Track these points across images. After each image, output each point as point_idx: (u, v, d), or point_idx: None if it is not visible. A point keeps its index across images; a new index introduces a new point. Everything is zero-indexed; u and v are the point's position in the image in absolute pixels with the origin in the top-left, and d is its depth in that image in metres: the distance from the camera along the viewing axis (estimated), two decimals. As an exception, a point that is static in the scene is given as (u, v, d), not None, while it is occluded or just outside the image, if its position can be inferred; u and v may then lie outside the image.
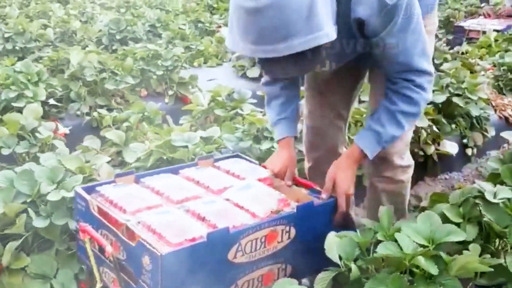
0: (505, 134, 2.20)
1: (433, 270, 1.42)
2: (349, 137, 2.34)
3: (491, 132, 3.60)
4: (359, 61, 1.78)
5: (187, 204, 1.65)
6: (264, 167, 1.92)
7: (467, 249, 1.61)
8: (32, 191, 1.90)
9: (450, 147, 3.27)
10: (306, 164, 2.22)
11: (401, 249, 1.49)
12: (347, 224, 1.75)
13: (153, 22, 5.43)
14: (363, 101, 3.12)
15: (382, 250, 1.48)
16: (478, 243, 1.66)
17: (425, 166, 3.26)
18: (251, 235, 1.51)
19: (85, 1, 7.21)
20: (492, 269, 1.50)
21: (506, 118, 3.88)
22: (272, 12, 1.30)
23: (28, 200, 1.88)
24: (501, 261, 1.60)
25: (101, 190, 1.70)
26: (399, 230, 1.59)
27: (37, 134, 2.38)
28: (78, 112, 3.47)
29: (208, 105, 2.96)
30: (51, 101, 3.35)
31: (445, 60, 4.21)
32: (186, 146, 2.19)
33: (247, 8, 1.32)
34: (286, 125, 1.91)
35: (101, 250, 1.55)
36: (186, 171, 1.89)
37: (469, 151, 3.52)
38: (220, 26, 6.06)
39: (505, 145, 3.89)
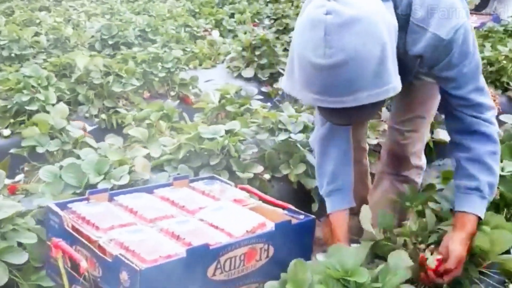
0: (503, 117, 2.43)
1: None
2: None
3: (478, 121, 3.86)
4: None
5: (160, 223, 1.66)
6: None
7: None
8: (80, 182, 2.03)
9: (444, 135, 3.50)
10: None
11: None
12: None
13: (143, 27, 5.54)
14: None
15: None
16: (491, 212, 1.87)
17: (421, 154, 3.49)
18: (231, 252, 1.53)
19: (68, 8, 7.27)
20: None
21: (489, 108, 4.15)
22: (343, 70, 1.29)
23: (78, 191, 2.01)
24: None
25: (73, 207, 1.72)
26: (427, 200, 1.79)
27: (69, 133, 2.50)
28: (87, 114, 3.58)
29: (218, 102, 3.11)
30: (61, 104, 3.46)
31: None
32: (214, 138, 2.35)
33: (316, 64, 1.31)
34: (335, 199, 1.84)
35: (74, 267, 1.55)
36: (161, 190, 1.92)
37: (459, 139, 3.77)
38: (206, 30, 6.22)
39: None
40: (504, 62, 4.55)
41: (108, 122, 3.58)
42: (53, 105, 3.30)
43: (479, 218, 1.64)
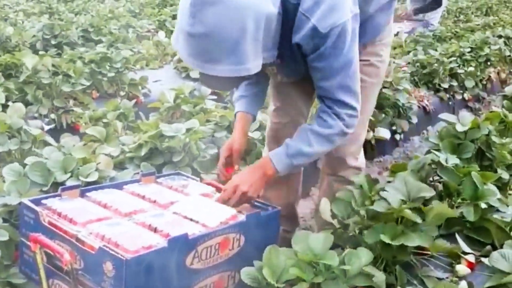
0: (443, 116, 2.63)
1: (418, 219, 1.77)
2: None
3: (414, 120, 4.13)
4: None
5: (136, 217, 1.70)
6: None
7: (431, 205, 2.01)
8: (47, 180, 2.05)
9: (384, 132, 3.73)
10: (264, 153, 2.37)
11: (389, 204, 1.83)
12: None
13: (86, 27, 5.49)
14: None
15: (377, 206, 1.81)
16: (436, 201, 2.06)
17: (364, 151, 3.69)
18: (207, 241, 1.60)
19: (3, 6, 7.06)
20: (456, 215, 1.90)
21: (424, 108, 4.44)
22: (203, 41, 1.50)
23: (44, 189, 2.03)
24: (458, 212, 2.01)
25: (48, 203, 1.74)
26: (381, 190, 1.94)
27: (28, 132, 2.49)
28: (36, 114, 3.55)
29: (174, 102, 3.18)
30: (10, 104, 3.41)
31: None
32: (176, 136, 2.42)
33: (185, 30, 1.52)
34: (245, 102, 2.05)
35: (50, 262, 1.59)
36: (130, 186, 1.96)
37: (397, 137, 4.02)
38: (149, 31, 6.23)
39: (424, 131, 4.45)
40: (436, 65, 4.86)
41: (58, 122, 3.56)
42: (2, 105, 3.26)
43: (276, 170, 1.83)
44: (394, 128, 3.99)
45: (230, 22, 1.49)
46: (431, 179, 2.28)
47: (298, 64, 1.83)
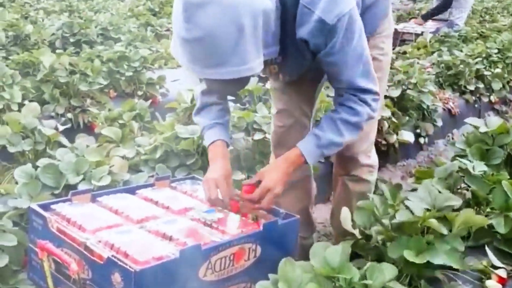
0: (469, 120, 2.52)
1: (444, 230, 1.68)
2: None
3: (439, 123, 4.00)
4: (316, 69, 1.83)
5: (148, 224, 1.64)
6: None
7: (459, 215, 1.90)
8: (59, 183, 2.00)
9: (408, 136, 3.61)
10: (272, 161, 2.28)
11: (412, 214, 1.73)
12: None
13: (105, 26, 5.46)
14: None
15: (400, 216, 1.71)
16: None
17: (387, 154, 3.59)
18: (221, 252, 1.52)
19: (24, 5, 7.08)
20: (487, 223, 1.79)
21: (449, 110, 4.31)
22: (201, 45, 1.43)
23: (56, 192, 1.98)
24: (488, 222, 1.90)
25: (57, 208, 1.68)
26: (405, 199, 1.84)
27: (42, 132, 2.44)
28: (53, 114, 3.51)
29: (190, 102, 3.11)
30: (26, 103, 3.38)
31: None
32: (192, 138, 2.35)
33: (181, 37, 1.45)
34: (222, 130, 1.89)
35: (58, 270, 1.53)
36: (143, 191, 1.89)
37: (421, 140, 3.90)
38: (169, 30, 6.18)
39: (450, 134, 4.32)
40: (461, 66, 4.72)
41: (74, 122, 3.52)
42: (19, 104, 3.23)
43: (306, 161, 1.76)
44: (418, 131, 3.87)
45: (226, 22, 1.42)
46: (458, 187, 2.17)
47: (303, 60, 1.75)
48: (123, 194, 1.85)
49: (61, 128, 2.56)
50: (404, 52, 5.41)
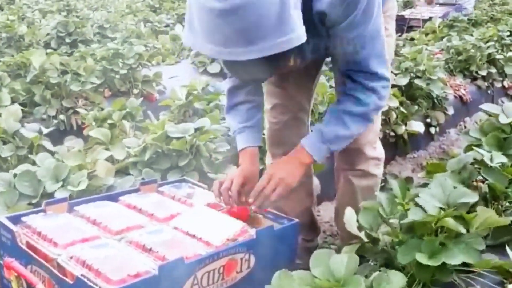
0: (484, 106, 2.34)
1: (461, 228, 1.50)
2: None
3: (450, 111, 3.80)
4: (323, 53, 1.72)
5: (128, 235, 1.48)
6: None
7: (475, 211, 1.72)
8: (36, 191, 1.84)
9: (417, 126, 3.43)
10: (268, 161, 2.13)
11: (425, 212, 1.55)
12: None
13: (101, 23, 5.31)
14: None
15: (412, 215, 1.53)
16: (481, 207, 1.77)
17: (396, 146, 3.41)
18: (208, 265, 1.37)
19: (22, 6, 6.95)
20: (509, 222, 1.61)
21: (460, 97, 4.11)
22: (242, 14, 1.20)
23: (34, 202, 1.82)
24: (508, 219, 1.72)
25: (28, 220, 1.52)
26: (416, 196, 1.67)
27: (23, 136, 2.29)
28: (44, 116, 3.37)
29: (185, 99, 2.95)
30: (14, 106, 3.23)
31: (397, 46, 4.40)
32: (183, 137, 2.18)
33: (214, 9, 1.21)
34: (251, 134, 1.76)
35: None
36: (127, 197, 1.73)
37: (432, 130, 3.71)
38: (168, 25, 6.02)
39: (461, 123, 4.12)
40: (472, 51, 4.51)
41: (67, 124, 3.38)
42: (6, 107, 3.08)
43: (314, 160, 1.65)
44: (428, 120, 3.69)
45: None
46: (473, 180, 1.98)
47: (318, 39, 1.58)
48: (104, 202, 1.68)
49: (45, 131, 2.41)
50: (412, 39, 5.20)
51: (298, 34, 1.30)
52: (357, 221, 1.69)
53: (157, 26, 5.79)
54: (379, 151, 2.06)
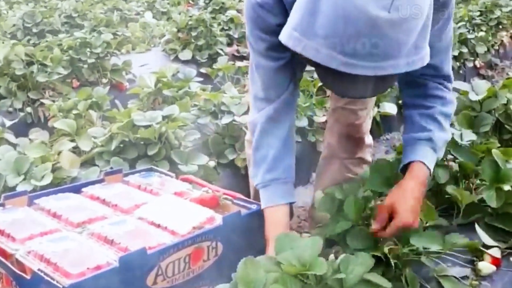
0: (456, 84, 2.32)
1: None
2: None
3: (423, 91, 3.79)
4: None
5: (90, 227, 1.44)
6: None
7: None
8: (-3, 185, 1.78)
9: (390, 108, 3.41)
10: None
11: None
12: None
13: (70, 13, 5.19)
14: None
15: None
16: (451, 185, 1.76)
17: (369, 129, 3.40)
18: (173, 255, 1.33)
19: (-13, -3, 6.77)
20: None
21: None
22: (402, 28, 1.08)
23: (-6, 196, 1.76)
24: (478, 197, 1.71)
25: None
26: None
27: (-16, 129, 2.22)
28: (11, 109, 3.28)
29: (155, 86, 2.89)
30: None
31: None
32: (150, 125, 2.13)
33: (375, 18, 1.05)
34: (280, 188, 1.53)
35: None
36: (90, 189, 1.68)
37: (405, 111, 3.70)
38: (138, 13, 5.91)
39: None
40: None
41: (34, 116, 3.29)
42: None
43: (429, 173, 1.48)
44: (400, 102, 3.66)
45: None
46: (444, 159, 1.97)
47: None
48: (66, 194, 1.63)
49: (8, 123, 2.33)
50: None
51: (426, 51, 1.18)
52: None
53: (126, 14, 5.68)
54: (371, 138, 2.10)
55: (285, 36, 1.17)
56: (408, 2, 1.07)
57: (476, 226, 1.61)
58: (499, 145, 1.88)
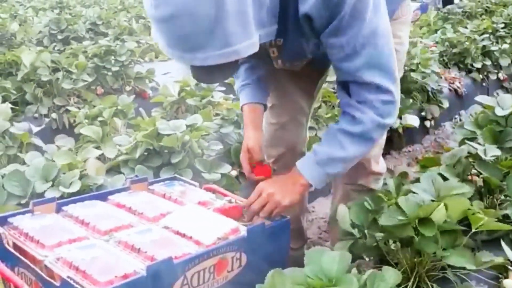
0: (479, 98, 2.31)
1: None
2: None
3: (445, 104, 3.78)
4: (321, 59, 1.59)
5: (117, 235, 1.44)
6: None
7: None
8: (25, 191, 1.81)
9: (412, 120, 3.41)
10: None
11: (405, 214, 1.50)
12: None
13: (94, 20, 5.26)
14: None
15: (384, 220, 1.48)
16: (476, 201, 1.75)
17: (391, 141, 3.39)
18: (198, 265, 1.34)
19: (15, 4, 6.90)
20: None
21: (455, 90, 4.08)
22: (172, 24, 1.18)
23: (22, 202, 1.79)
24: (502, 212, 1.70)
25: (15, 221, 1.48)
26: (409, 192, 1.64)
27: (13, 135, 2.26)
28: (36, 115, 3.33)
29: (178, 95, 2.92)
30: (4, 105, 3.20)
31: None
32: (174, 134, 2.16)
33: (150, 15, 1.22)
34: (248, 92, 1.74)
35: None
36: (116, 196, 1.69)
37: (427, 123, 3.68)
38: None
39: (457, 116, 4.10)
40: (467, 43, 4.49)
41: (59, 122, 3.34)
42: (-3, 106, 3.04)
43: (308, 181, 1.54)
44: (423, 114, 3.66)
45: None
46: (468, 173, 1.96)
47: (306, 43, 1.51)
48: (93, 201, 1.64)
49: (35, 129, 2.37)
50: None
51: (236, 48, 1.23)
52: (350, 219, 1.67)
53: (149, 22, 5.74)
54: (381, 166, 1.99)
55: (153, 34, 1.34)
56: (163, 2, 1.16)
57: (502, 242, 1.59)
58: (524, 161, 1.86)
